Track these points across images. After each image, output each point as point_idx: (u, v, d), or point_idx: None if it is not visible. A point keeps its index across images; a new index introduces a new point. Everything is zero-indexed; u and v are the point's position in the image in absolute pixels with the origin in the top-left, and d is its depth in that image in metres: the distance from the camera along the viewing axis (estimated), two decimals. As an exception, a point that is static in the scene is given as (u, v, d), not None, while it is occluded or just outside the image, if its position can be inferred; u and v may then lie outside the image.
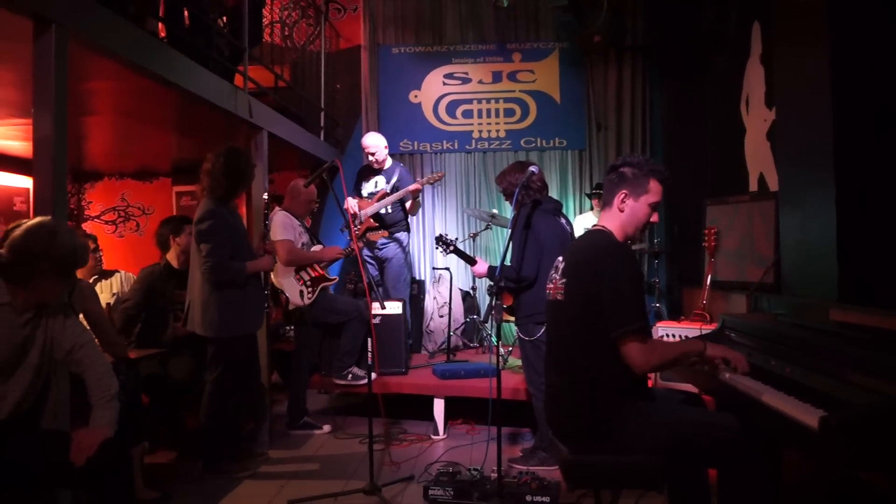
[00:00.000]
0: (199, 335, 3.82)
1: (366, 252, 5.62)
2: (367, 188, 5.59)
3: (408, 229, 5.69)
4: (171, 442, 4.32)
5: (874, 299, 2.61)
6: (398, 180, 5.45)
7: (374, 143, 5.55)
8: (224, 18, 4.76)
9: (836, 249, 2.85)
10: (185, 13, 4.18)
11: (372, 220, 5.40)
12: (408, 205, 5.51)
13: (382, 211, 5.44)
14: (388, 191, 5.40)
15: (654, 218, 2.56)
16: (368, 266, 5.63)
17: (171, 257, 4.46)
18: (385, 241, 5.50)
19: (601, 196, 4.00)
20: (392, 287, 5.52)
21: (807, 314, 2.84)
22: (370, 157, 5.56)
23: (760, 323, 2.84)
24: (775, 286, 3.60)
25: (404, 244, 5.61)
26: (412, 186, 5.28)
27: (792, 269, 3.34)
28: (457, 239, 4.26)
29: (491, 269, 3.92)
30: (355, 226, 5.38)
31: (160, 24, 3.97)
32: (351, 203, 5.46)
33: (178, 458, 4.18)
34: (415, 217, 6.01)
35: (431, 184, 5.30)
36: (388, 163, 5.63)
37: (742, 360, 2.44)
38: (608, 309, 2.31)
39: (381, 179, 5.54)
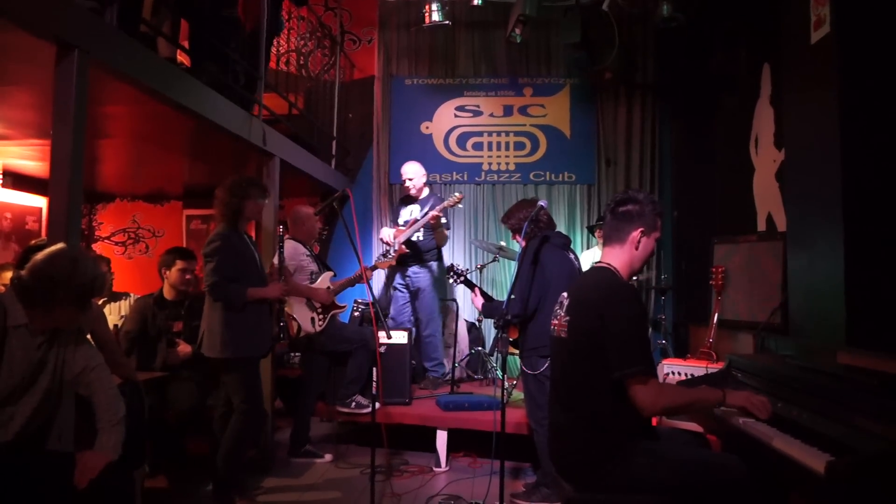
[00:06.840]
0: (199, 361, 3.80)
1: (398, 280, 5.65)
2: (404, 216, 5.65)
3: (440, 258, 5.69)
4: (170, 466, 4.29)
5: (882, 343, 2.60)
6: (430, 209, 5.41)
7: (412, 171, 5.64)
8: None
9: (843, 291, 2.84)
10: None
11: (405, 248, 5.44)
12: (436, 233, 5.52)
13: (414, 238, 5.47)
14: (420, 219, 5.43)
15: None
16: (398, 294, 5.67)
17: (165, 288, 4.48)
18: (417, 270, 5.54)
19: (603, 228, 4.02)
20: (427, 318, 5.54)
21: (814, 356, 2.82)
22: (407, 184, 5.63)
23: (768, 364, 2.82)
24: (783, 327, 3.59)
25: (436, 274, 5.61)
26: (431, 213, 5.27)
27: (799, 310, 3.33)
28: (467, 270, 4.26)
29: (485, 305, 3.92)
30: (388, 255, 5.42)
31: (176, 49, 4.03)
32: (386, 233, 5.53)
33: (176, 483, 4.15)
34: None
35: (451, 206, 5.30)
36: (426, 192, 5.70)
37: (767, 406, 2.38)
38: (611, 350, 2.30)
39: (416, 208, 5.59)
